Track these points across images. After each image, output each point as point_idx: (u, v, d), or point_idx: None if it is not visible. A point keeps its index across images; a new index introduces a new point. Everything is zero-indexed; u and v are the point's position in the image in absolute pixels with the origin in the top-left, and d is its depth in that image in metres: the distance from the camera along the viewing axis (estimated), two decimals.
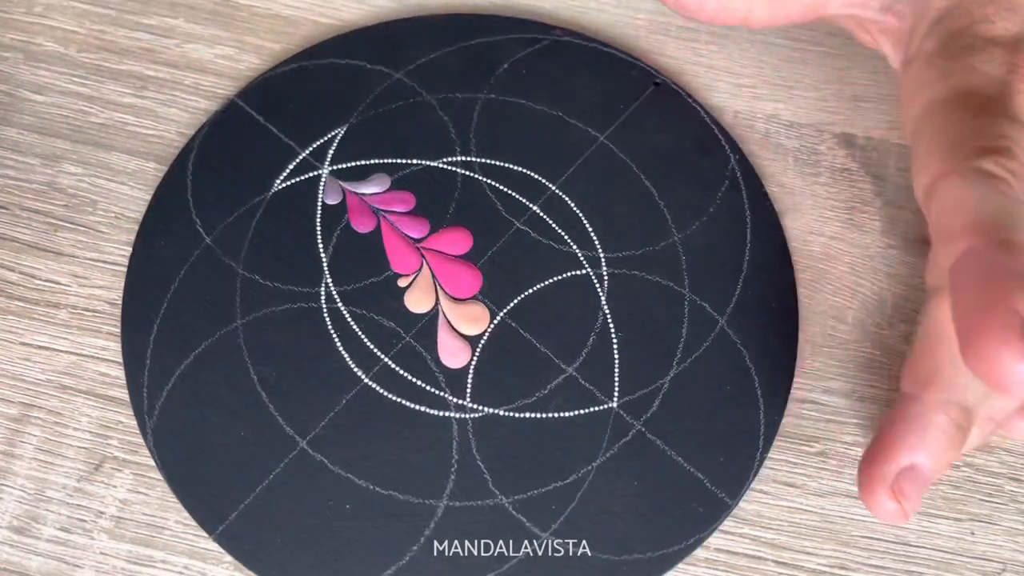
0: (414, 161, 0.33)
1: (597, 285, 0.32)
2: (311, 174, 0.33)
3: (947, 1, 0.29)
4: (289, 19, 0.36)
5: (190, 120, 0.34)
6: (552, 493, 0.29)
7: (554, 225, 0.32)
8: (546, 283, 0.32)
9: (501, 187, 0.33)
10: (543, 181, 0.33)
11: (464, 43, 0.35)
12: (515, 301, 0.31)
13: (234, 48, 0.35)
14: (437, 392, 0.30)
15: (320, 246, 0.32)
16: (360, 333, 0.31)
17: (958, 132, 0.26)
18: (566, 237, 0.32)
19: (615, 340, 0.31)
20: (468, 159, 0.33)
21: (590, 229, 0.32)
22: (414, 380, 0.30)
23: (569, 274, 0.32)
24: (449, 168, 0.33)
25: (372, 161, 0.33)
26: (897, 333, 0.32)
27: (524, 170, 0.33)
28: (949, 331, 0.25)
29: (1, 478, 0.29)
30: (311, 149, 0.33)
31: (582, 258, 0.32)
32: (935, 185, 0.25)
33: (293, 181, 0.33)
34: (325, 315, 0.31)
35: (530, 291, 0.31)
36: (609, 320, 0.31)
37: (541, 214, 0.33)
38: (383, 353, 0.30)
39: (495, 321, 0.31)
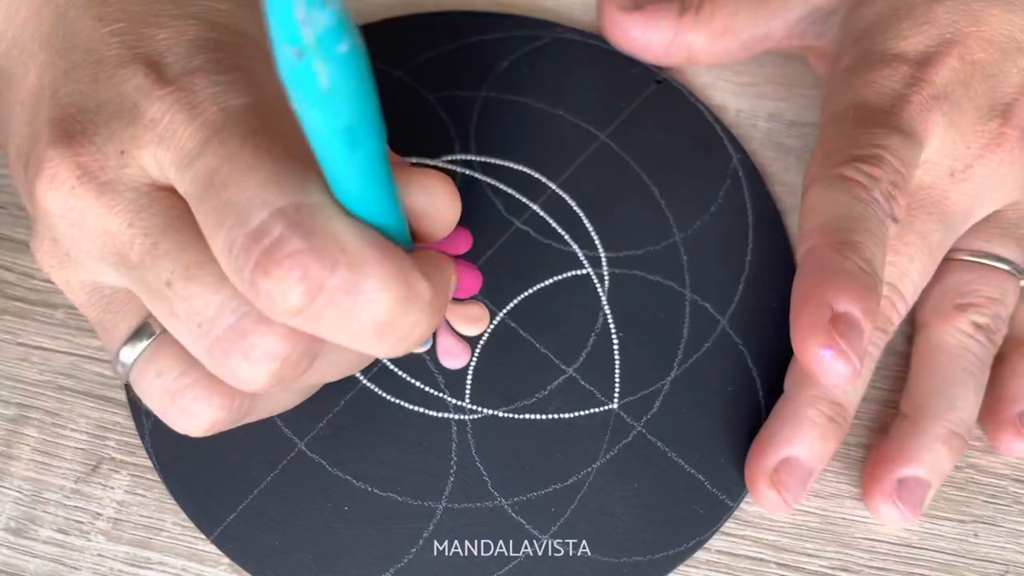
0: (414, 159, 0.33)
1: (598, 285, 0.31)
2: None
3: (868, 20, 0.30)
4: None
5: None
6: (552, 495, 0.29)
7: (554, 224, 0.32)
8: (546, 283, 0.31)
9: (501, 186, 0.33)
10: (543, 180, 0.33)
11: (464, 41, 0.35)
12: (515, 301, 0.31)
13: None
14: (436, 393, 0.30)
15: None
16: None
17: (836, 142, 0.28)
18: (566, 237, 0.32)
19: (615, 341, 0.31)
20: (468, 158, 0.33)
21: (591, 228, 0.32)
22: (413, 381, 0.30)
23: (569, 274, 0.32)
24: (449, 167, 0.33)
25: None
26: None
27: (524, 169, 0.33)
28: None
29: None
30: None
31: (583, 258, 0.32)
32: (804, 191, 0.27)
33: None
34: None
35: (530, 291, 0.31)
36: (610, 320, 0.31)
37: (541, 213, 0.32)
38: None
39: (495, 321, 0.31)
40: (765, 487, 0.28)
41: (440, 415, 0.30)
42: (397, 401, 0.30)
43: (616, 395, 0.30)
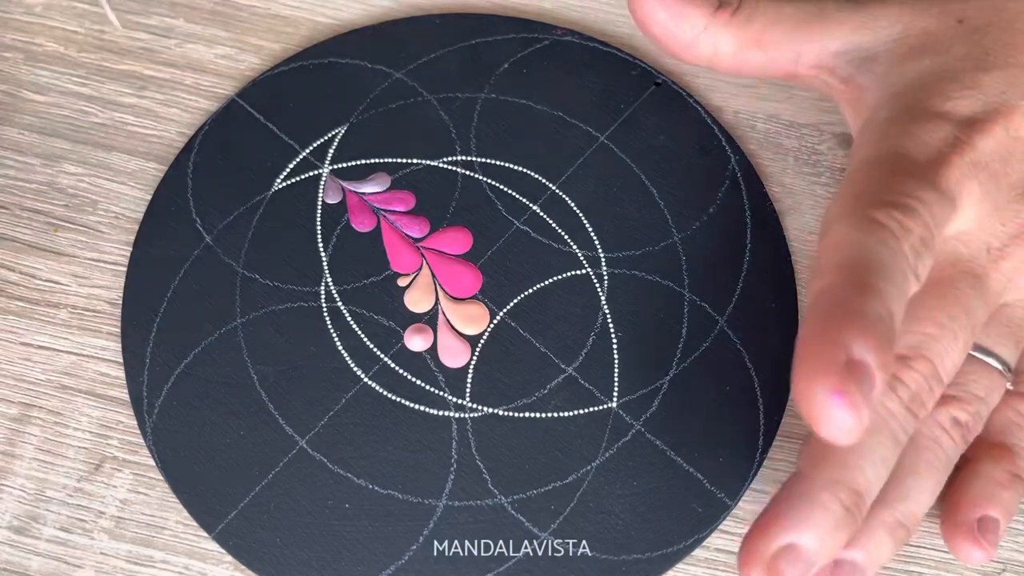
0: (414, 160, 0.33)
1: (597, 285, 0.32)
2: (311, 173, 0.33)
3: (911, 77, 0.29)
4: (289, 19, 0.36)
5: (190, 120, 0.34)
6: (551, 493, 0.29)
7: (554, 225, 0.32)
8: (546, 283, 0.32)
9: (501, 187, 0.33)
10: (543, 181, 0.33)
11: (464, 42, 0.35)
12: (515, 301, 0.31)
13: (234, 48, 0.35)
14: (437, 392, 0.30)
15: (320, 245, 0.32)
16: (360, 332, 0.31)
17: (869, 185, 0.26)
18: (566, 237, 0.32)
19: (615, 340, 0.31)
20: (468, 159, 0.33)
21: (590, 229, 0.32)
22: (414, 380, 0.30)
23: (569, 274, 0.32)
24: (449, 168, 0.33)
25: (372, 160, 0.33)
26: None
27: (524, 170, 0.33)
28: None
29: (1, 478, 0.29)
30: (311, 148, 0.33)
31: (582, 258, 0.32)
32: (826, 228, 0.25)
33: (293, 180, 0.33)
34: (325, 314, 0.31)
35: (530, 291, 0.31)
36: (609, 320, 0.31)
37: (541, 214, 0.33)
38: (383, 352, 0.30)
39: (495, 321, 0.31)
40: (760, 574, 0.25)
41: (440, 413, 0.30)
42: (398, 399, 0.30)
43: (615, 394, 0.30)
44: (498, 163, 0.33)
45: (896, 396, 0.26)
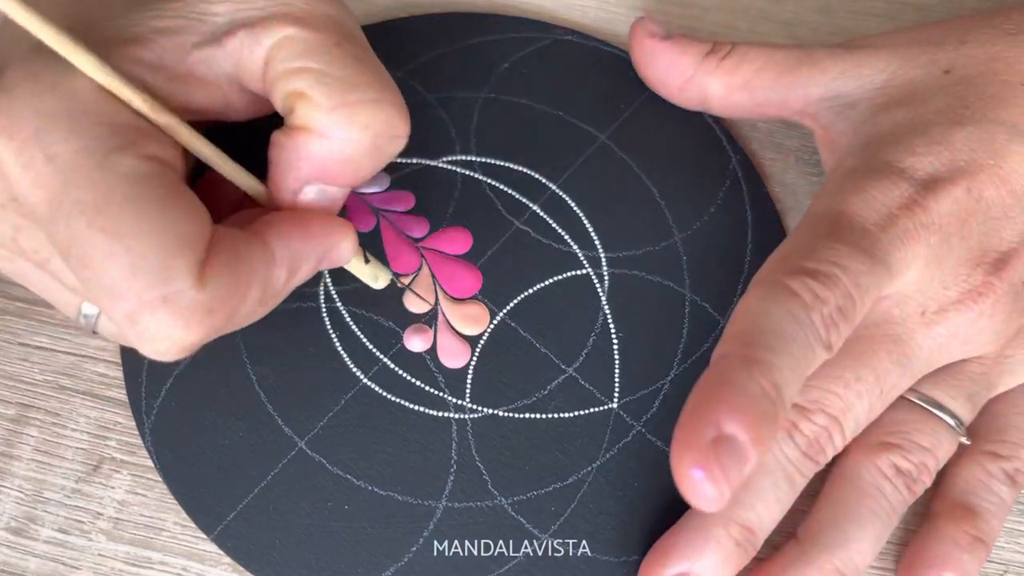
0: (414, 160, 0.33)
1: (597, 285, 0.32)
2: None
3: (884, 127, 0.28)
4: None
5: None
6: (552, 494, 0.29)
7: (554, 225, 0.32)
8: (546, 283, 0.31)
9: (501, 186, 0.33)
10: (543, 181, 0.33)
11: (464, 42, 0.35)
12: (515, 301, 0.31)
13: None
14: (436, 392, 0.30)
15: None
16: (359, 333, 0.30)
17: (798, 246, 0.26)
18: (566, 237, 0.32)
19: (615, 340, 0.31)
20: (468, 158, 0.33)
21: (590, 229, 0.32)
22: (413, 380, 0.30)
23: (569, 274, 0.32)
24: (449, 167, 0.33)
25: None
26: None
27: (524, 169, 0.33)
28: None
29: None
30: None
31: (582, 258, 0.32)
32: (749, 287, 0.26)
33: None
34: (324, 315, 0.31)
35: (530, 291, 0.31)
36: (609, 320, 0.31)
37: (541, 214, 0.32)
38: (382, 353, 0.30)
39: (495, 321, 0.31)
40: None
41: (440, 414, 0.30)
42: (397, 400, 0.30)
43: (616, 395, 0.30)
44: (498, 163, 0.33)
45: (792, 442, 0.27)
